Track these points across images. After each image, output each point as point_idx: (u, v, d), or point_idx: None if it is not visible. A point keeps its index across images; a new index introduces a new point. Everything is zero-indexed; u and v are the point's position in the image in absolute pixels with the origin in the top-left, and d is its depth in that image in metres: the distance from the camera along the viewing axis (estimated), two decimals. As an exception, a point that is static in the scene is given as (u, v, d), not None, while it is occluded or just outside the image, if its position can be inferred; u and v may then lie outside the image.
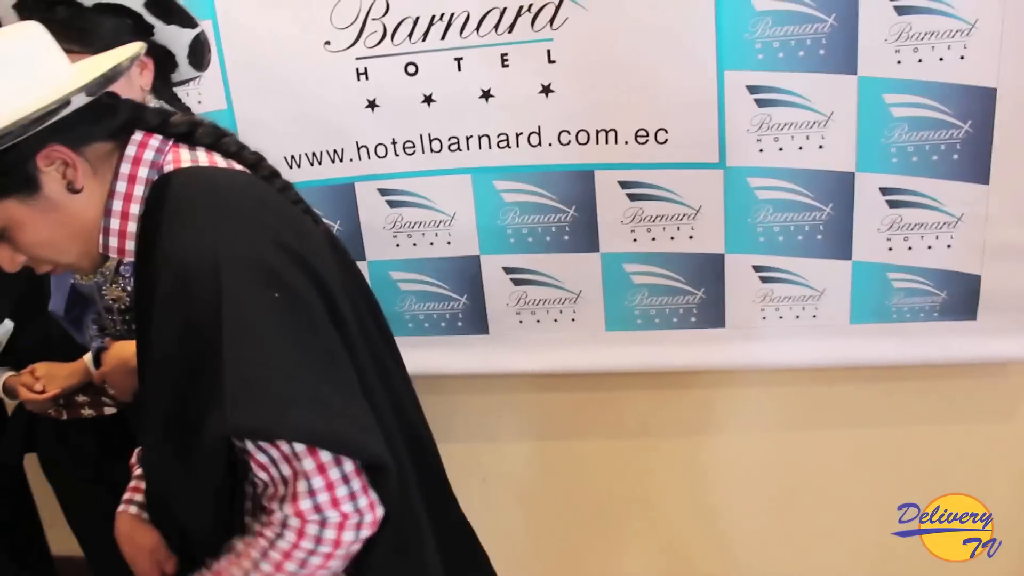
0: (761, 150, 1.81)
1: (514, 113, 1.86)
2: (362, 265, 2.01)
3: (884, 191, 1.81)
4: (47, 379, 1.75)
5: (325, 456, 0.94)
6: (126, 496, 1.25)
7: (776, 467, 2.12)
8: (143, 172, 1.02)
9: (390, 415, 1.11)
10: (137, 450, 1.31)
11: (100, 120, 1.01)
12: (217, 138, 1.08)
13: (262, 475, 0.96)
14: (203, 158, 1.05)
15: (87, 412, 1.83)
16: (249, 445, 0.94)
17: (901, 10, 1.67)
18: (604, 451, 2.17)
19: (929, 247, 1.83)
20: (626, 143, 1.84)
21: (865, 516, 2.10)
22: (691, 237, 1.90)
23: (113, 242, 1.03)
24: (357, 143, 1.92)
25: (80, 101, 0.94)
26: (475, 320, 2.05)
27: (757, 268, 1.91)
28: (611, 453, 2.17)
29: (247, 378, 0.91)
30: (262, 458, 0.95)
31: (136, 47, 1.04)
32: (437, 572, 1.14)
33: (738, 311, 1.95)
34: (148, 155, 1.02)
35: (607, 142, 1.85)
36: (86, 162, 0.99)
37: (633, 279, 1.96)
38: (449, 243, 1.99)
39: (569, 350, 2.04)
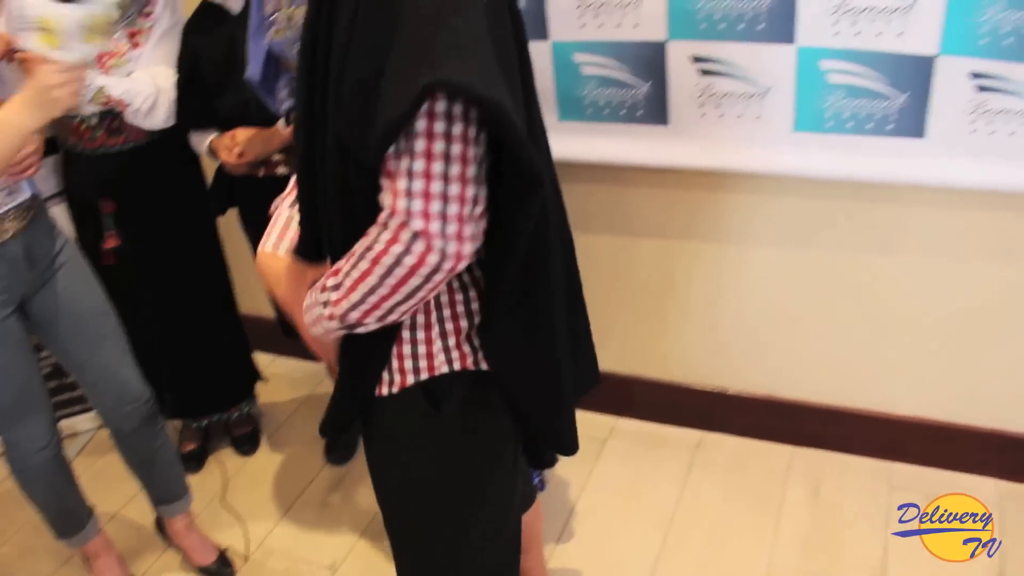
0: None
1: None
2: (544, 45, 1.97)
3: None
4: (245, 144, 1.89)
5: (438, 146, 0.93)
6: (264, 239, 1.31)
7: (952, 294, 1.98)
8: None
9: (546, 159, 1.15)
10: (283, 194, 1.38)
11: None
12: None
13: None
14: None
15: (281, 171, 1.98)
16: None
17: None
18: (767, 259, 2.10)
19: None
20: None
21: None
22: (900, 34, 1.71)
23: None
24: (546, -86, 1.83)
25: None
26: (656, 110, 1.98)
27: (975, 75, 1.70)
28: (773, 262, 2.10)
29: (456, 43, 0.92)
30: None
31: None
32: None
33: (943, 122, 1.76)
34: None
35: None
36: None
37: (829, 78, 1.80)
38: (636, 26, 1.90)
39: (752, 149, 1.95)
